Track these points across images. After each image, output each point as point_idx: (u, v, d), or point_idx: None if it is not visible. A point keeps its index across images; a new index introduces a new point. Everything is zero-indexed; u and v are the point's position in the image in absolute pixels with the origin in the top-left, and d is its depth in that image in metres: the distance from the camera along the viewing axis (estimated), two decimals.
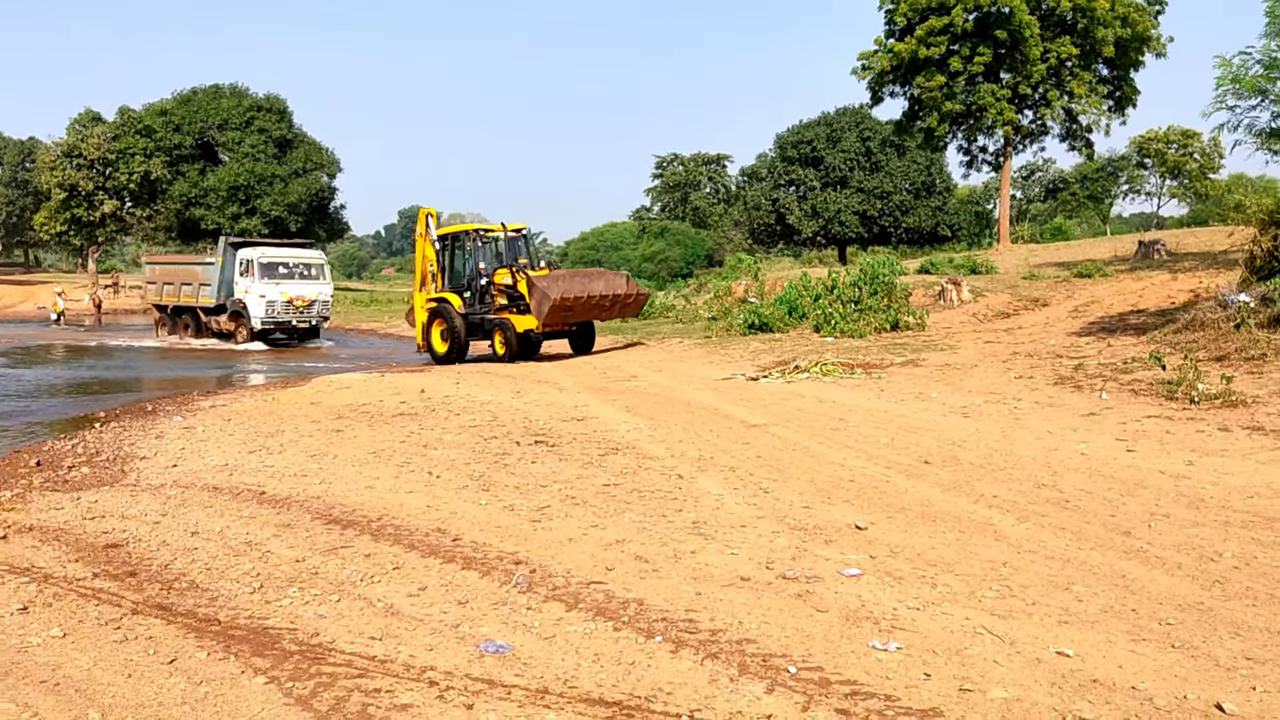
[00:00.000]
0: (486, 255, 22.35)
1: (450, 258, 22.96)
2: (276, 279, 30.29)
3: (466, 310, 21.85)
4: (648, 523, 7.29)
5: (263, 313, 30.05)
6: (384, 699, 4.42)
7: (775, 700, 4.29)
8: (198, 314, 32.27)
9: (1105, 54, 38.00)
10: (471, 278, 22.06)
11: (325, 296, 31.44)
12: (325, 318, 31.62)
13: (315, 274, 31.48)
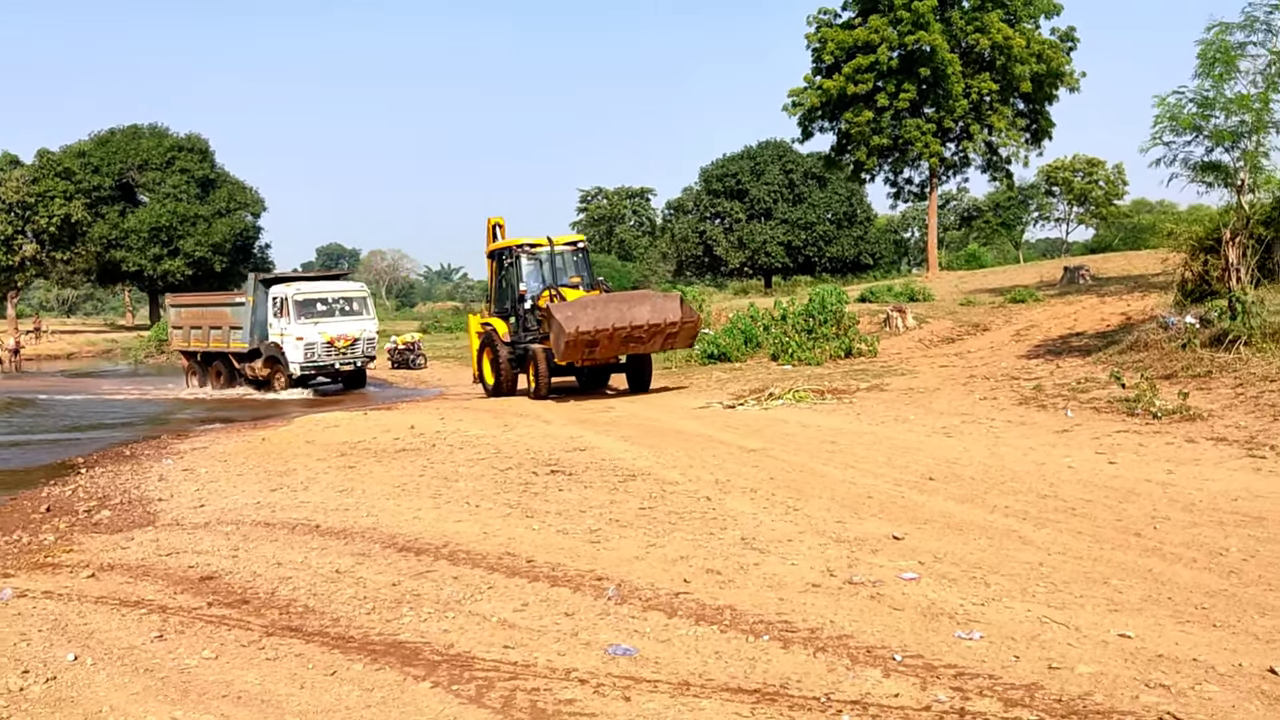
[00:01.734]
0: (533, 274, 20.01)
1: (498, 277, 20.78)
2: (315, 317, 26.71)
3: (512, 338, 19.87)
4: (700, 540, 7.88)
5: (301, 357, 26.45)
6: (546, 696, 4.93)
7: (894, 683, 4.91)
8: (230, 361, 28.79)
9: (1023, 89, 39.97)
10: (515, 300, 19.82)
11: (370, 334, 27.70)
12: (371, 357, 27.97)
13: (357, 308, 27.86)
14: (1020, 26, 40.29)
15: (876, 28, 39.94)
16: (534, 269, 20.07)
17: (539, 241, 20.12)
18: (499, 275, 20.66)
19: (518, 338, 19.67)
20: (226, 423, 20.76)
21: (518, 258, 19.94)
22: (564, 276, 19.95)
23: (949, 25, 39.57)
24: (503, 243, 20.94)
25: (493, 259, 20.89)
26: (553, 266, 20.09)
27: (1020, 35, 39.39)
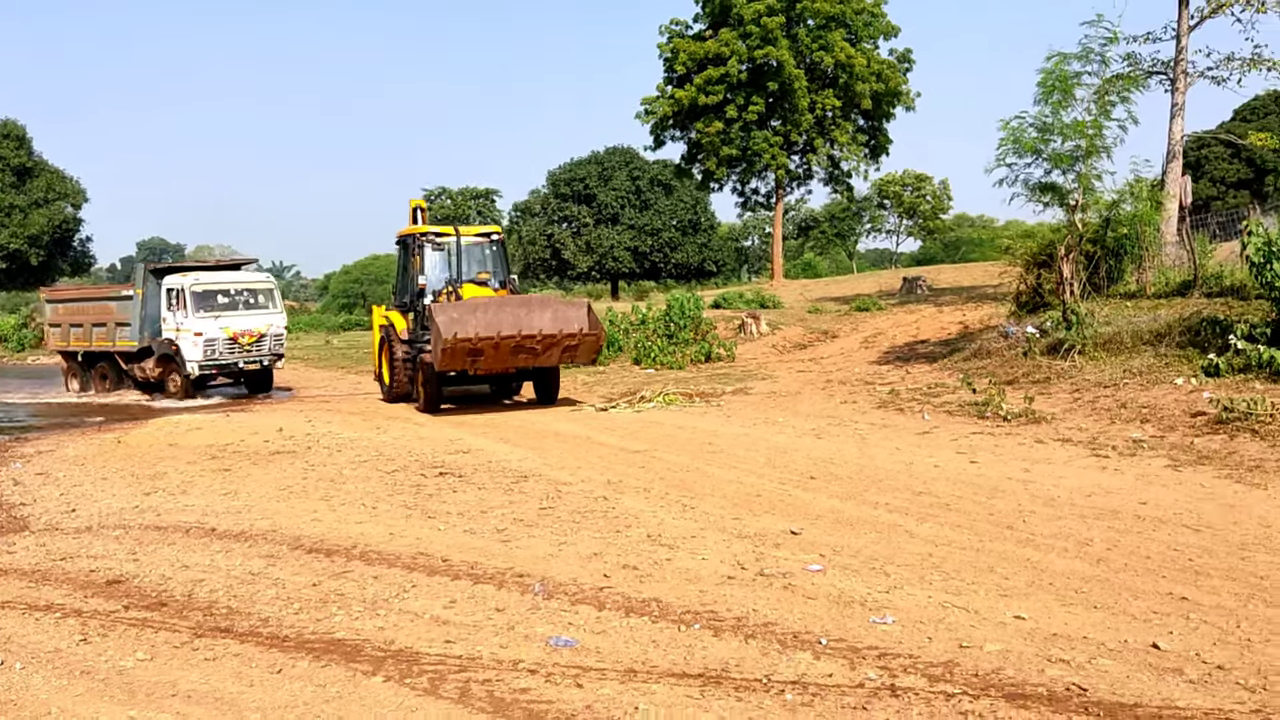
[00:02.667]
0: (438, 266, 18.22)
1: (403, 267, 19.14)
2: (215, 310, 23.80)
3: (411, 335, 18.12)
4: (608, 538, 8.15)
5: (200, 354, 23.50)
6: (500, 686, 5.11)
7: (825, 664, 5.30)
8: (116, 361, 25.76)
9: (863, 106, 41.73)
10: (415, 295, 18.06)
11: (278, 329, 24.72)
12: (279, 355, 24.96)
13: (263, 301, 24.87)
14: (861, 46, 42.05)
15: (727, 41, 40.99)
16: (440, 260, 18.31)
17: (445, 230, 18.47)
18: (405, 265, 19.01)
19: (415, 336, 18.00)
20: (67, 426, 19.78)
21: (422, 246, 18.17)
22: (472, 271, 18.23)
23: (796, 42, 40.97)
24: (408, 229, 19.15)
25: (400, 246, 19.32)
26: (460, 259, 18.12)
27: (861, 55, 41.13)
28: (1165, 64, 23.79)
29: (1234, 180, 61.37)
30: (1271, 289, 13.30)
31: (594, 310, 17.06)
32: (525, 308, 16.34)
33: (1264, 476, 9.51)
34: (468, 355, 15.74)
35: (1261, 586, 6.41)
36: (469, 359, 15.84)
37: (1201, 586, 6.46)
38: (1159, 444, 11.25)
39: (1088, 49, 17.25)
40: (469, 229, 18.59)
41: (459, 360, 15.82)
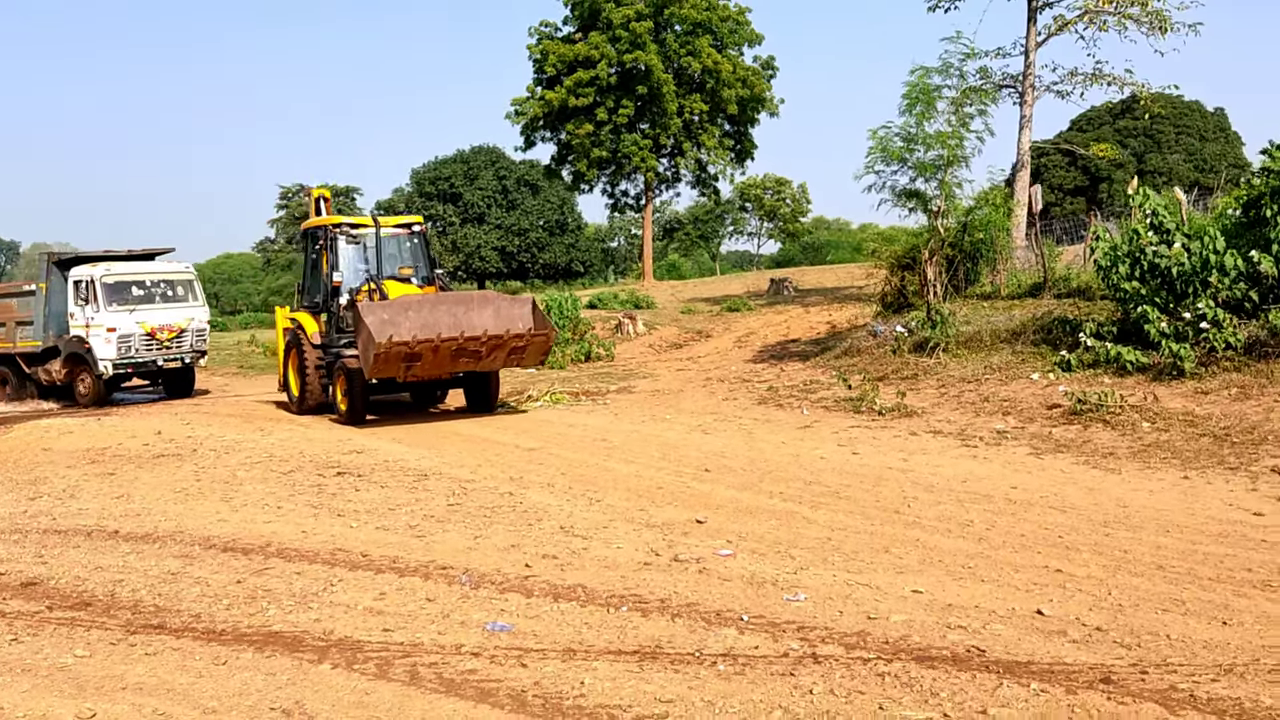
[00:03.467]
0: (353, 261, 16.49)
1: (311, 263, 17.26)
2: (130, 304, 21.58)
3: (324, 340, 16.42)
4: (522, 531, 8.42)
5: (114, 353, 21.25)
6: (446, 668, 5.35)
7: (750, 638, 5.72)
8: (19, 365, 23.07)
9: (730, 111, 42.76)
10: (329, 294, 16.40)
11: (200, 324, 22.68)
12: (201, 353, 22.92)
13: (182, 293, 22.70)
14: (727, 53, 43.06)
15: (596, 44, 41.41)
16: (355, 255, 16.55)
17: (362, 221, 16.76)
18: (314, 260, 17.10)
19: (330, 340, 16.30)
20: None
21: (334, 239, 16.33)
22: (393, 266, 16.52)
23: (664, 47, 41.69)
24: (316, 220, 17.38)
25: (306, 239, 17.64)
26: (379, 253, 16.26)
27: (728, 61, 42.15)
28: (1015, 78, 25.32)
29: (1071, 187, 65.04)
30: (1117, 290, 14.42)
31: (539, 307, 15.76)
32: (464, 306, 14.82)
33: (1117, 462, 10.42)
34: (403, 361, 14.12)
35: (1126, 559, 7.13)
36: (404, 365, 14.22)
37: (1073, 560, 7.15)
38: (1020, 434, 12.14)
39: (948, 64, 18.34)
40: (388, 220, 16.92)
41: (393, 367, 14.18)
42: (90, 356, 21.44)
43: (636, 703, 4.86)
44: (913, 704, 4.76)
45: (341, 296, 16.13)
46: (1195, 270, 13.52)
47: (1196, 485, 9.46)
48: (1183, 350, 12.93)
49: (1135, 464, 10.35)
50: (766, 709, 4.74)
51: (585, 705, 4.84)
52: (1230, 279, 13.24)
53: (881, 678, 5.08)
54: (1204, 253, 13.46)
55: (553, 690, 5.04)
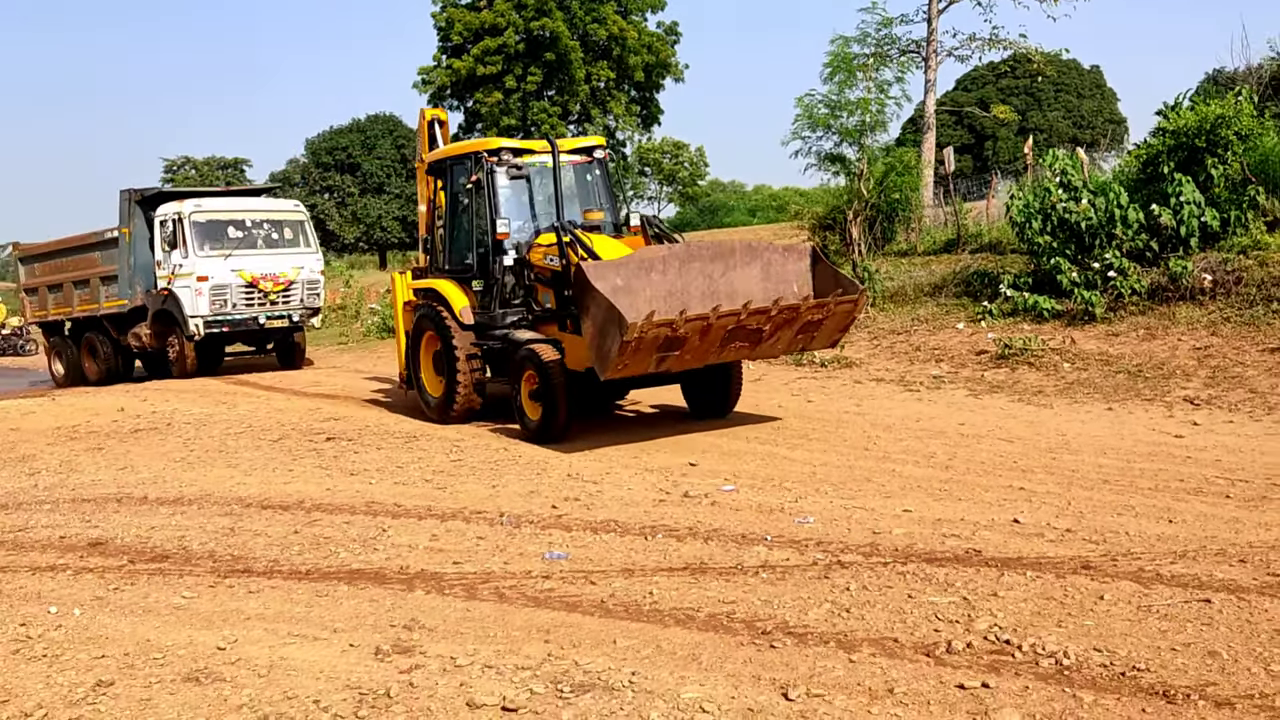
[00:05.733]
0: (517, 203, 11.99)
1: (452, 208, 12.56)
2: (226, 247, 18.16)
3: (481, 317, 11.86)
4: (533, 480, 9.18)
5: (206, 308, 17.80)
6: (528, 587, 6.13)
7: (780, 553, 6.63)
8: (107, 329, 20.00)
9: (636, 78, 43.51)
10: (489, 250, 11.73)
11: (312, 274, 19.05)
12: (314, 310, 19.32)
13: (291, 236, 19.08)
14: (632, 19, 43.73)
15: (502, 12, 41.69)
16: (518, 194, 12.05)
17: (532, 145, 12.15)
18: (451, 206, 12.56)
19: (492, 317, 11.73)
20: None
21: (490, 173, 11.70)
22: (573, 209, 11.97)
23: (570, 14, 42.15)
24: (455, 148, 13.01)
25: (435, 176, 13.05)
26: (558, 190, 11.78)
27: (633, 28, 42.82)
28: (919, 44, 26.63)
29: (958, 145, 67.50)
30: (1031, 244, 15.72)
31: (826, 258, 10.93)
32: (721, 263, 10.21)
33: (1047, 399, 11.65)
34: (658, 350, 9.32)
35: (1075, 477, 8.26)
36: (657, 355, 9.39)
37: (1031, 480, 8.25)
38: (955, 378, 13.33)
39: (865, 33, 19.42)
40: (565, 142, 12.46)
41: (643, 359, 9.33)
42: (179, 314, 18.12)
43: (703, 605, 5.71)
44: (934, 592, 5.73)
45: (506, 255, 11.58)
46: (1102, 224, 14.86)
47: (1120, 415, 10.72)
48: (1093, 297, 14.26)
49: (1063, 400, 11.59)
50: (816, 602, 5.65)
51: (661, 608, 5.69)
52: (1133, 231, 14.62)
53: (902, 575, 6.04)
54: (1109, 208, 14.81)
55: (628, 599, 5.86)
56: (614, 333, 9.05)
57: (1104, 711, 4.25)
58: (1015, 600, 5.53)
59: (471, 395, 11.97)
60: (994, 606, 5.45)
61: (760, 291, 10.21)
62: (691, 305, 9.64)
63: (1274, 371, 11.41)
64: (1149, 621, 5.17)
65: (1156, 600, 5.44)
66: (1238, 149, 14.60)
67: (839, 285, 10.39)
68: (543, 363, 10.54)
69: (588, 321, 9.52)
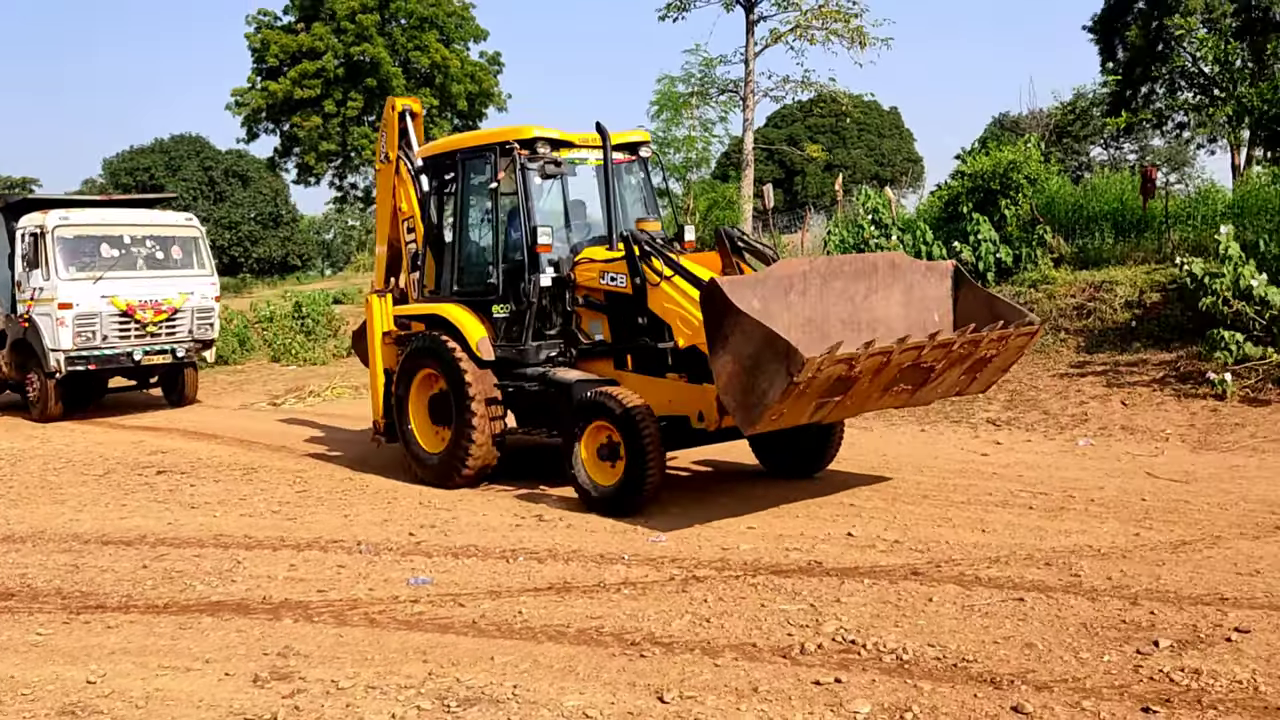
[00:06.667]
0: (552, 209, 10.17)
1: (461, 214, 10.29)
2: (95, 268, 15.51)
3: (506, 351, 9.66)
4: (386, 508, 9.26)
5: (69, 340, 15.19)
6: (397, 612, 6.27)
7: (638, 570, 6.97)
8: None
9: (460, 107, 43.52)
10: (525, 262, 9.50)
11: (204, 300, 16.48)
12: (205, 343, 16.68)
13: (180, 256, 16.42)
14: (454, 48, 43.77)
15: (321, 35, 41.00)
16: (551, 197, 10.21)
17: (570, 137, 9.91)
18: (460, 211, 10.29)
19: (523, 353, 9.54)
20: None
21: (524, 172, 9.48)
22: (623, 214, 9.94)
23: (391, 40, 41.83)
24: (471, 137, 10.79)
25: (434, 173, 10.56)
26: (608, 194, 9.67)
27: (456, 56, 42.87)
28: (737, 84, 27.82)
29: (768, 179, 70.34)
30: None
31: (969, 277, 8.92)
32: (864, 282, 8.13)
33: (866, 422, 12.48)
34: (823, 395, 7.23)
35: (898, 493, 8.97)
36: (819, 401, 7.30)
37: (859, 497, 8.91)
38: None
39: (689, 73, 20.25)
40: (588, 136, 9.96)
41: (804, 406, 7.24)
42: (39, 346, 15.45)
43: (572, 621, 6.02)
44: (784, 600, 6.22)
45: (543, 273, 9.40)
46: None
47: (932, 436, 11.65)
48: None
49: (881, 423, 12.47)
50: (678, 614, 6.04)
51: (533, 626, 5.95)
52: None
53: (754, 586, 6.51)
54: (916, 244, 15.98)
55: (499, 619, 6.10)
56: (776, 372, 6.82)
57: (941, 698, 4.78)
58: (856, 605, 6.08)
59: (490, 451, 9.62)
60: (838, 611, 5.97)
61: (902, 319, 8.24)
62: (832, 334, 7.43)
63: (1063, 394, 12.61)
64: (973, 619, 5.78)
65: (978, 600, 6.08)
66: (1028, 191, 16.03)
67: (993, 312, 8.34)
68: (628, 411, 8.21)
69: (725, 357, 7.10)
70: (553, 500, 9.19)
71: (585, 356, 9.50)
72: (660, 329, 8.72)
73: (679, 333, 8.46)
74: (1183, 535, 7.31)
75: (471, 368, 9.55)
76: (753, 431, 7.45)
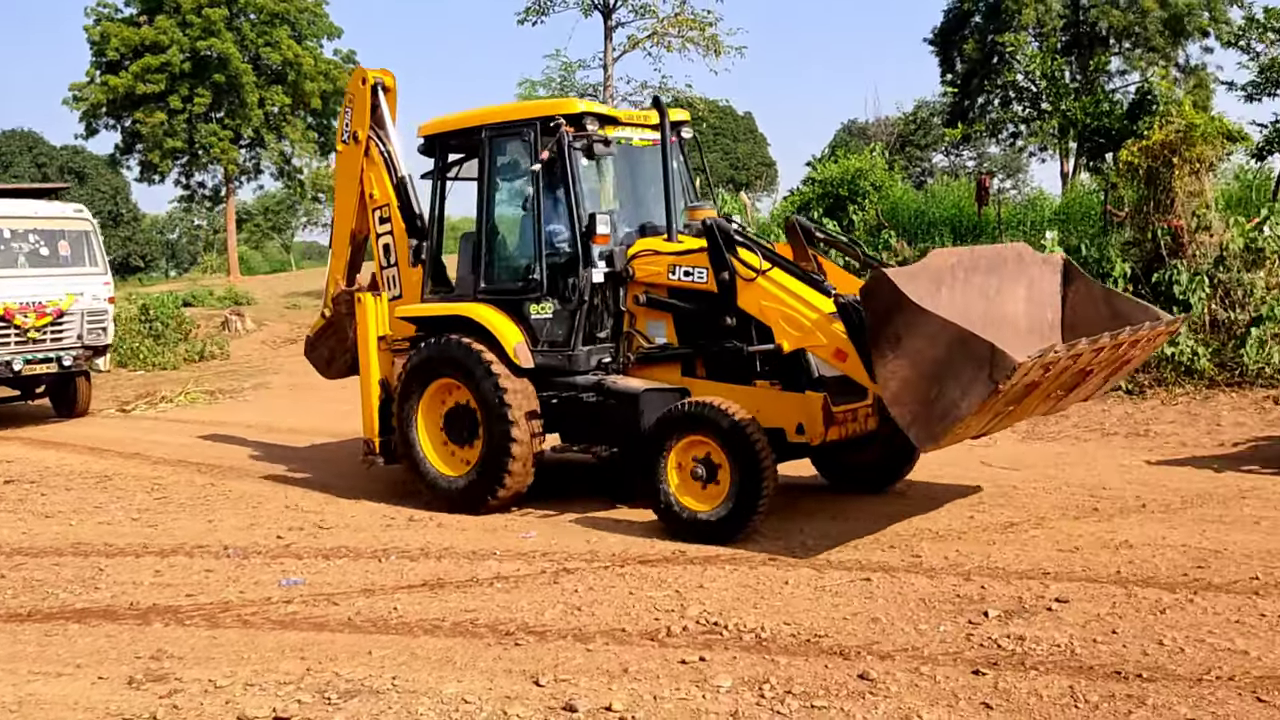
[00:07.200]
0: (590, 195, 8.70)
1: (486, 200, 8.93)
2: None
3: (542, 354, 8.55)
4: (251, 512, 9.21)
5: None
6: (270, 612, 6.34)
7: (510, 564, 7.20)
8: None
9: (313, 105, 42.66)
10: (568, 260, 8.48)
11: (97, 300, 14.99)
12: (98, 349, 15.12)
13: (67, 253, 14.80)
14: (307, 45, 42.88)
15: (165, 29, 39.61)
16: (592, 181, 8.94)
17: (615, 113, 8.97)
18: (485, 198, 8.92)
19: (571, 359, 8.47)
20: None
21: (571, 153, 8.39)
22: (649, 198, 9.15)
23: (241, 36, 40.72)
24: (504, 110, 9.21)
25: (444, 152, 9.40)
26: (666, 176, 8.56)
27: (309, 54, 42.00)
28: (596, 88, 28.22)
29: None
30: None
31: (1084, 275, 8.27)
32: (996, 276, 7.53)
33: None
34: (1009, 403, 6.51)
35: None
36: (1002, 412, 6.70)
37: None
38: None
39: (550, 77, 20.48)
40: (637, 114, 9.26)
41: (986, 417, 6.58)
42: None
43: (447, 615, 6.21)
44: (651, 588, 6.55)
45: (595, 268, 8.37)
46: None
47: None
48: None
49: None
50: (550, 604, 6.30)
51: (408, 620, 6.12)
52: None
53: (622, 576, 6.83)
54: None
55: (374, 615, 6.25)
56: (973, 378, 5.97)
57: (796, 670, 5.18)
58: (719, 590, 6.45)
59: (529, 472, 8.51)
60: (702, 596, 6.34)
61: (1025, 316, 7.71)
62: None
63: None
64: (824, 598, 6.23)
65: (829, 581, 6.54)
66: (874, 198, 16.87)
67: (1113, 309, 7.71)
68: (737, 424, 7.21)
69: (897, 361, 6.24)
70: (420, 500, 9.32)
71: (649, 362, 8.44)
72: (748, 330, 7.82)
73: (782, 334, 7.47)
74: (1011, 517, 7.96)
75: (508, 376, 8.34)
76: (934, 447, 6.67)
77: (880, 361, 6.30)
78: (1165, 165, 13.09)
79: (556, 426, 8.63)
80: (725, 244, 7.82)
